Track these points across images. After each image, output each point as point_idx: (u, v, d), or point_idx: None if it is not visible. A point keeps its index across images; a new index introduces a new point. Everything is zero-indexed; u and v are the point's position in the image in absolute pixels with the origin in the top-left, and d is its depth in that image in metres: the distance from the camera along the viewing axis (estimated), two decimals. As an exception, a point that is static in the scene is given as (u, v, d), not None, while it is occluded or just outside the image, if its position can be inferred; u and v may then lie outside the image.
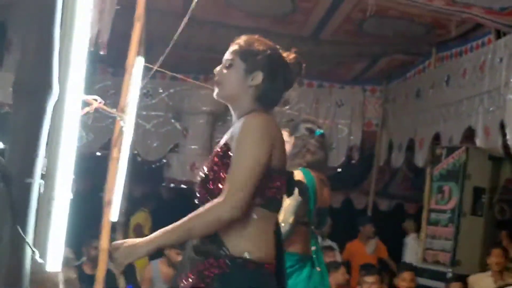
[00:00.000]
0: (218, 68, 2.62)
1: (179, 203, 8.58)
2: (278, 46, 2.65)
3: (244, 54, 2.57)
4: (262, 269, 2.46)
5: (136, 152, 7.53)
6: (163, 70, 5.31)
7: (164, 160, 8.08)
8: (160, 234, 2.38)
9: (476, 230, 6.11)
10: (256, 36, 2.64)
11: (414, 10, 5.74)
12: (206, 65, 7.36)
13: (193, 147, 7.72)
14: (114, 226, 5.32)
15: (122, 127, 4.71)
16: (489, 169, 6.19)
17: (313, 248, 3.95)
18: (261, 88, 2.56)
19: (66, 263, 5.38)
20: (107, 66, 7.66)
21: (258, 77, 2.55)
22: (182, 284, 2.52)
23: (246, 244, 2.42)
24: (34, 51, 1.30)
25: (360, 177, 8.78)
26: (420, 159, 6.91)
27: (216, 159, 2.51)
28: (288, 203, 3.76)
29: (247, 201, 2.37)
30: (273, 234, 2.55)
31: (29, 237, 1.35)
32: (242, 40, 2.61)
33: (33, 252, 1.37)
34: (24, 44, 1.37)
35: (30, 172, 1.33)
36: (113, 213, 4.69)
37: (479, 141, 5.70)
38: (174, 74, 5.81)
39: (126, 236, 6.74)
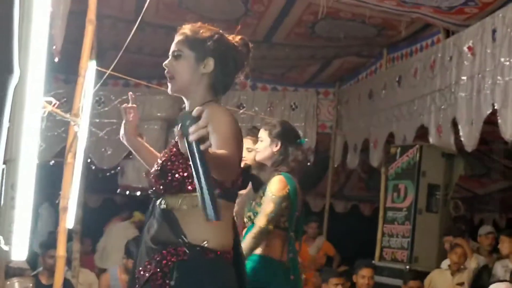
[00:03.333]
0: (167, 62, 2.56)
1: (133, 210, 8.52)
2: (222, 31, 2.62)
3: (192, 42, 2.52)
4: (220, 258, 2.45)
5: (90, 160, 7.43)
6: (118, 74, 5.26)
7: (119, 168, 7.99)
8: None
9: (432, 227, 6.19)
10: (199, 23, 2.60)
11: (365, 11, 5.81)
12: (160, 70, 7.36)
13: (148, 153, 7.62)
14: (70, 233, 5.22)
15: (76, 132, 4.63)
16: (442, 166, 6.28)
17: (290, 255, 3.84)
18: (214, 74, 2.54)
19: (22, 272, 5.28)
20: (58, 73, 7.55)
21: (210, 63, 2.52)
22: (139, 274, 2.49)
23: (205, 233, 2.41)
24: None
25: (316, 179, 8.84)
26: (375, 159, 6.99)
27: (172, 150, 2.49)
28: (272, 208, 3.72)
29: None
30: (231, 223, 2.55)
31: (-7, 223, 1.31)
32: (187, 29, 2.56)
33: (-3, 239, 1.34)
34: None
35: (-9, 157, 1.29)
36: (69, 219, 4.60)
37: (432, 139, 5.81)
38: (128, 78, 5.75)
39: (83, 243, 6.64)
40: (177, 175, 2.45)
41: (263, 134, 3.99)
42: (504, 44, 4.73)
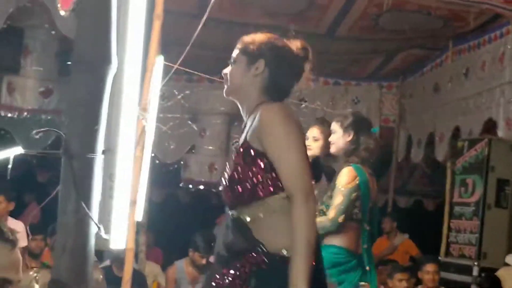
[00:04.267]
0: (225, 69, 2.65)
1: (196, 204, 8.61)
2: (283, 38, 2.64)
3: (245, 47, 2.57)
4: None
5: (153, 154, 7.51)
6: (184, 69, 5.29)
7: (182, 162, 8.09)
8: (298, 277, 2.29)
9: (501, 223, 6.02)
10: (259, 33, 2.63)
11: (432, 2, 5.71)
12: (222, 65, 7.39)
13: (210, 147, 7.72)
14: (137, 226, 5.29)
15: (144, 126, 4.68)
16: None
17: (364, 246, 3.94)
18: (267, 76, 2.54)
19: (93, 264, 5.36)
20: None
21: (261, 65, 2.54)
22: (216, 282, 2.48)
23: (283, 240, 2.37)
24: (91, 23, 1.27)
25: (378, 174, 8.73)
26: (440, 153, 6.88)
27: (237, 159, 2.48)
28: (341, 201, 3.76)
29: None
30: None
31: (93, 213, 1.32)
32: (244, 37, 2.62)
33: (98, 228, 1.35)
34: (80, 16, 1.34)
35: (91, 147, 1.30)
36: (138, 212, 4.66)
37: (501, 132, 5.68)
38: (195, 73, 5.79)
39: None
40: (247, 184, 2.43)
41: (335, 126, 4.01)
42: None
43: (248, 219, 2.43)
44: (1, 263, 1.47)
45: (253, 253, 2.38)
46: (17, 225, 6.09)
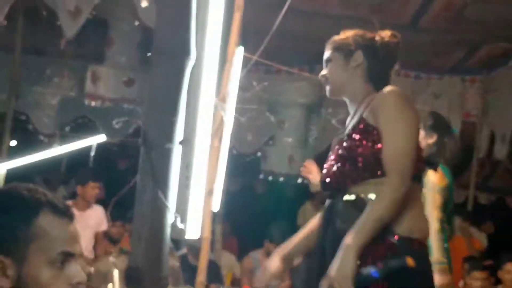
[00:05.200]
0: (322, 72, 2.67)
1: (273, 195, 8.63)
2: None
3: (338, 46, 2.62)
4: (426, 247, 2.42)
5: (231, 145, 7.58)
6: (263, 60, 5.29)
7: (259, 153, 8.12)
8: (353, 237, 2.27)
9: None
10: (346, 30, 2.70)
11: (521, -7, 5.52)
12: (302, 56, 7.35)
13: (289, 139, 7.72)
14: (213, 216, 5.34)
15: (222, 116, 4.71)
16: None
17: (444, 245, 3.89)
18: (367, 66, 2.58)
19: (169, 252, 5.45)
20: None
21: (359, 55, 2.59)
22: None
23: (409, 223, 2.36)
24: (171, 15, 1.27)
25: (459, 169, 8.52)
26: (524, 150, 6.66)
27: (355, 135, 2.45)
28: (439, 200, 3.71)
29: (410, 175, 2.35)
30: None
31: (170, 202, 1.33)
32: (333, 37, 2.67)
33: (174, 217, 1.36)
34: (160, 7, 1.35)
35: (168, 137, 1.31)
36: (215, 203, 4.70)
37: None
38: (273, 64, 5.78)
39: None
40: (366, 158, 2.41)
41: None
42: None
43: (373, 196, 2.37)
44: (62, 236, 1.51)
45: (383, 239, 2.33)
46: (97, 210, 6.29)
